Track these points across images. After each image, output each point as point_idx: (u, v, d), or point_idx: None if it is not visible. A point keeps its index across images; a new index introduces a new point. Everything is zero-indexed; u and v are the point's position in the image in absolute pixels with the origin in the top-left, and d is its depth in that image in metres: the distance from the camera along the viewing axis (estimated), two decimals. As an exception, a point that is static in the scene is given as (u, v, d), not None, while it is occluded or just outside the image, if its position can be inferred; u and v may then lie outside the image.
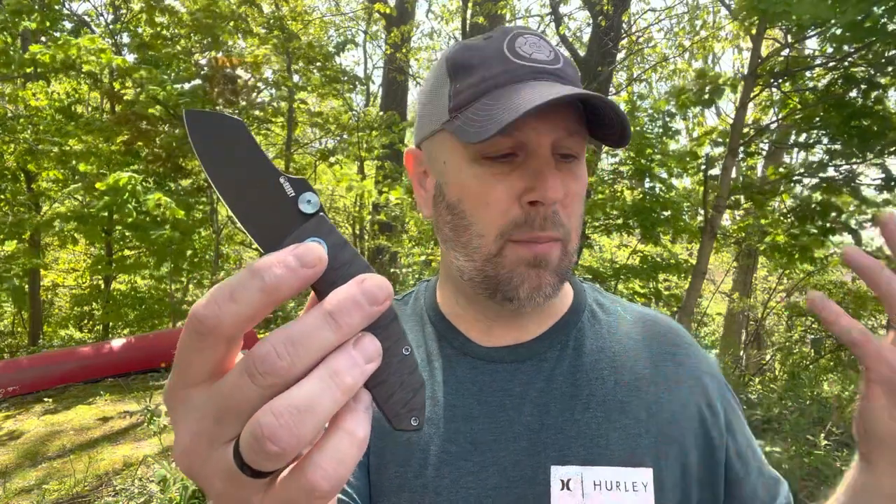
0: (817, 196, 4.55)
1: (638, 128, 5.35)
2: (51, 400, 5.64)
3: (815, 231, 4.46)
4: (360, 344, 0.29)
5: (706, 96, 4.15)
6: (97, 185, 6.01)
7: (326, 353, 0.28)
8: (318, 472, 0.27)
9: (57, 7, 7.46)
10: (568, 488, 0.61)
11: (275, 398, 0.27)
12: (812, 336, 7.09)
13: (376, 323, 0.30)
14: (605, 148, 6.35)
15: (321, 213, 0.32)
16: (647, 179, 5.22)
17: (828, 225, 4.35)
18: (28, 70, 6.64)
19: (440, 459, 0.64)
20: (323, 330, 0.28)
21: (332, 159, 9.57)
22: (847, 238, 4.53)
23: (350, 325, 0.28)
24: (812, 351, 6.96)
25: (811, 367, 6.31)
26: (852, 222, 4.46)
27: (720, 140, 4.89)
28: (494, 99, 0.60)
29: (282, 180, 0.32)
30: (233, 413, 0.28)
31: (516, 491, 0.62)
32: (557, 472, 0.62)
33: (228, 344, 0.29)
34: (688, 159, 5.11)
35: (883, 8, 3.10)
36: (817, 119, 4.30)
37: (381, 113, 9.03)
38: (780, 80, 4.63)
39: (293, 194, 0.32)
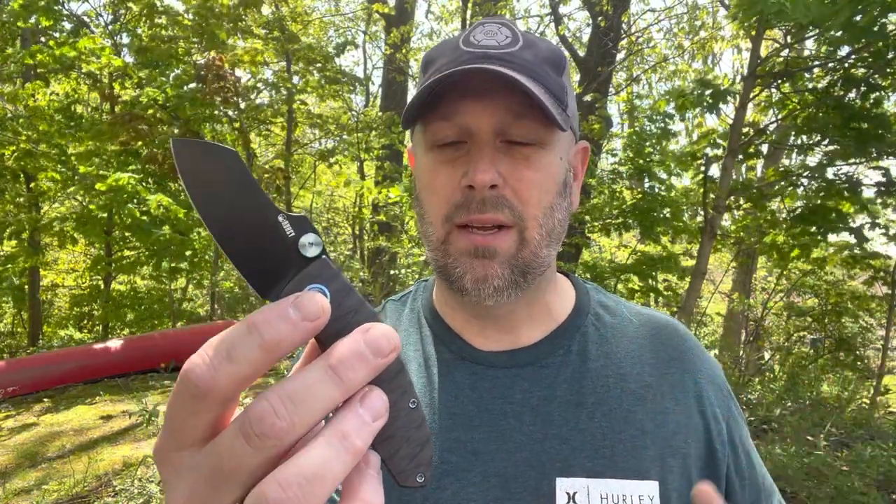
0: (815, 199, 4.55)
1: (637, 127, 5.35)
2: (51, 400, 5.64)
3: (814, 231, 4.46)
4: (366, 400, 0.27)
5: (709, 100, 4.15)
6: (98, 186, 6.02)
7: (330, 411, 0.26)
8: None
9: (56, 7, 7.46)
10: (574, 501, 0.59)
11: (280, 466, 0.25)
12: (812, 336, 7.10)
13: (382, 375, 0.28)
14: (606, 147, 6.36)
15: (324, 256, 0.29)
16: (647, 179, 5.22)
17: (827, 227, 4.35)
18: (29, 62, 6.64)
19: (441, 470, 0.62)
20: (325, 386, 0.26)
21: (331, 160, 9.58)
22: (847, 237, 4.53)
23: (354, 380, 0.26)
24: (812, 351, 6.96)
25: (811, 367, 6.31)
26: (850, 222, 4.46)
27: (719, 141, 4.90)
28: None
29: (280, 218, 0.29)
30: (229, 477, 0.26)
31: (520, 503, 0.60)
32: (563, 485, 0.60)
33: (225, 405, 0.27)
34: (688, 160, 5.11)
35: (879, 8, 3.09)
36: (817, 119, 4.30)
37: (380, 113, 9.04)
38: (780, 81, 4.63)
39: (293, 234, 0.29)
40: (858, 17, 3.18)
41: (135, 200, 6.66)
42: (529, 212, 0.61)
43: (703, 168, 4.94)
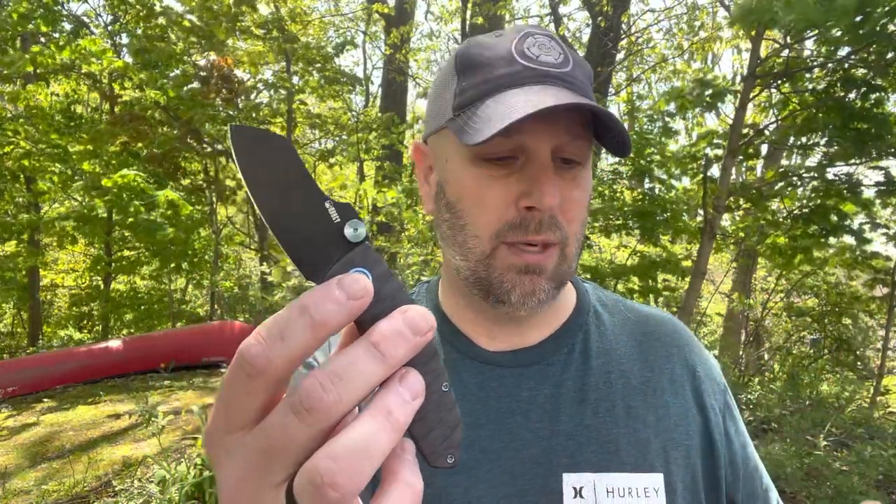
0: (816, 200, 4.55)
1: (637, 128, 5.35)
2: (51, 400, 5.64)
3: (817, 233, 4.45)
4: (405, 380, 0.28)
5: (708, 100, 4.15)
6: (104, 182, 6.02)
7: (373, 387, 0.27)
8: None
9: (56, 8, 7.47)
10: (581, 496, 0.61)
11: (330, 441, 0.26)
12: (812, 336, 7.10)
13: (418, 358, 0.29)
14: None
15: (366, 242, 0.31)
16: (647, 180, 5.22)
17: (828, 228, 4.34)
18: (30, 68, 6.64)
19: (451, 469, 0.62)
20: (369, 362, 0.27)
21: (331, 160, 9.58)
22: (850, 240, 4.52)
23: (396, 356, 0.27)
24: (812, 351, 6.96)
25: (811, 367, 6.32)
26: (849, 223, 4.46)
27: (719, 142, 4.90)
28: (496, 101, 0.59)
29: (327, 205, 0.31)
30: (280, 455, 0.27)
31: (528, 499, 0.61)
32: (570, 480, 0.61)
33: (278, 385, 0.28)
34: (687, 161, 5.11)
35: (881, 10, 3.09)
36: (817, 120, 4.30)
37: (380, 114, 9.04)
38: (781, 81, 4.63)
39: (339, 220, 0.31)
40: (860, 19, 3.17)
41: (139, 198, 6.65)
42: (572, 230, 0.63)
43: (702, 168, 4.95)
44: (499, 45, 0.63)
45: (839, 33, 3.45)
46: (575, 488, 0.61)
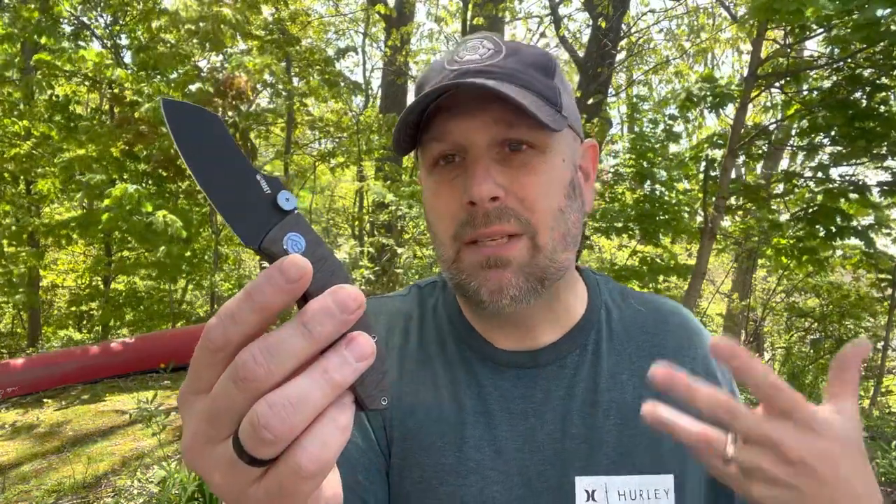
0: (820, 201, 4.53)
1: (637, 129, 5.36)
2: (51, 400, 5.63)
3: (823, 235, 4.43)
4: (352, 343, 0.31)
5: (714, 100, 4.14)
6: (107, 202, 6.05)
7: (301, 361, 0.30)
8: (304, 455, 0.30)
9: (56, 10, 7.47)
10: (593, 499, 0.62)
11: (271, 392, 0.30)
12: (811, 336, 7.10)
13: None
14: (606, 149, 6.36)
15: (297, 211, 0.34)
16: (648, 182, 5.21)
17: (834, 229, 4.33)
18: (41, 95, 6.67)
19: (466, 467, 0.64)
20: (296, 338, 0.30)
21: (332, 162, 9.58)
22: (856, 241, 4.51)
23: (322, 332, 0.30)
24: (811, 351, 6.96)
25: (810, 367, 6.31)
26: (855, 223, 4.45)
27: (720, 142, 4.90)
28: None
29: (258, 177, 0.33)
30: (224, 415, 0.31)
31: (542, 501, 0.62)
32: (582, 483, 0.62)
33: (233, 358, 0.31)
34: (689, 165, 5.11)
35: (890, 10, 3.09)
36: (820, 120, 4.28)
37: (380, 116, 9.04)
38: (784, 81, 4.62)
39: (269, 192, 0.33)
40: (881, 16, 3.17)
41: (139, 212, 6.65)
42: (538, 218, 0.61)
43: (703, 169, 4.95)
44: (439, 60, 0.66)
45: (848, 32, 3.44)
46: (587, 491, 0.62)
